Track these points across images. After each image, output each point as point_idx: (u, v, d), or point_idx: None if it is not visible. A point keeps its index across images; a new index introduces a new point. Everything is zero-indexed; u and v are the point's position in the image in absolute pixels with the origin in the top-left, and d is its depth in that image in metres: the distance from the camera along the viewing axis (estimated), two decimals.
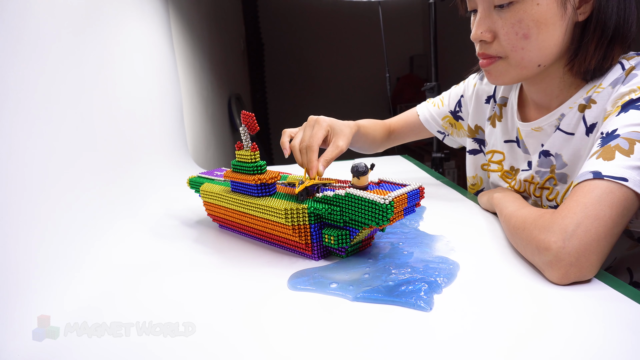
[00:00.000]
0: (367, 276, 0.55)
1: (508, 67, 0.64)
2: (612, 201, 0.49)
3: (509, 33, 0.61)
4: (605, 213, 0.49)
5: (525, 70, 0.64)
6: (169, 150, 1.19)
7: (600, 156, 0.53)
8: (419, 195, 0.58)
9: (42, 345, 0.45)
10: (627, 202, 0.50)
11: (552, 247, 0.49)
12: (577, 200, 0.50)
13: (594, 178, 0.51)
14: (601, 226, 0.48)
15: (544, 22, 0.59)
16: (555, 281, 0.50)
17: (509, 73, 0.65)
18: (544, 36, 0.60)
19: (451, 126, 0.94)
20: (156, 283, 0.59)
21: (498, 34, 0.62)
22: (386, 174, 0.64)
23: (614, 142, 0.53)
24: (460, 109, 0.91)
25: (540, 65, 0.63)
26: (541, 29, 0.59)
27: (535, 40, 0.60)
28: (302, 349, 0.42)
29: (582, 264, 0.48)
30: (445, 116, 0.94)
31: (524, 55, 0.62)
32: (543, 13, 0.59)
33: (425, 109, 0.97)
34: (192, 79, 1.65)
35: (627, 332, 0.41)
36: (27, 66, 0.60)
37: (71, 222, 0.65)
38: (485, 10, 0.62)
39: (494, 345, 0.41)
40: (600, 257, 0.49)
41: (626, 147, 0.51)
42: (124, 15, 1.00)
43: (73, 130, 0.70)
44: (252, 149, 0.65)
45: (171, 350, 0.43)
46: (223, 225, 0.77)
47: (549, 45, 0.61)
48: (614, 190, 0.50)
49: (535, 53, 0.61)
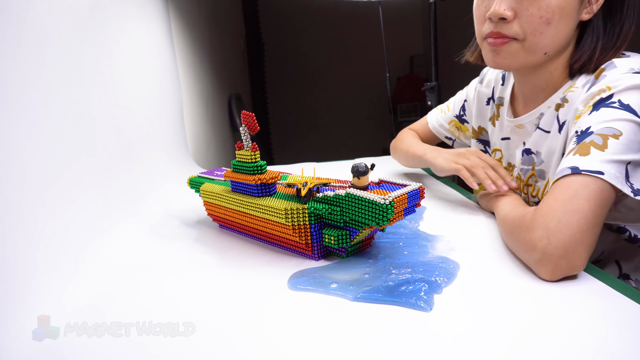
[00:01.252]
0: (367, 276, 0.55)
1: (520, 49, 0.63)
2: (589, 194, 0.51)
3: (534, 15, 0.60)
4: (584, 206, 0.50)
5: (533, 57, 0.64)
6: (169, 150, 1.19)
7: (576, 152, 0.55)
8: (419, 195, 0.58)
9: (42, 345, 0.45)
10: (604, 194, 0.52)
11: (537, 245, 0.50)
12: (556, 197, 0.52)
13: (572, 173, 0.53)
14: (582, 219, 0.50)
15: (566, 12, 0.60)
16: (547, 277, 0.50)
17: (517, 57, 0.64)
18: (562, 25, 0.61)
19: (458, 130, 0.98)
20: (156, 283, 0.59)
21: (520, 15, 0.61)
22: (386, 174, 0.64)
23: (588, 139, 0.55)
24: (464, 112, 0.95)
25: (547, 54, 0.64)
26: (562, 17, 0.60)
27: (554, 28, 0.61)
28: (302, 349, 0.42)
29: (570, 257, 0.49)
30: (452, 120, 0.98)
31: (540, 41, 0.62)
32: (569, 2, 0.59)
33: (434, 117, 1.02)
34: (193, 79, 1.65)
35: (626, 329, 0.41)
36: (27, 66, 0.60)
37: (71, 222, 0.65)
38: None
39: (494, 345, 0.41)
40: (587, 248, 0.50)
41: (600, 142, 0.54)
42: (124, 15, 1.00)
43: (73, 129, 0.70)
44: (252, 149, 0.65)
45: (171, 350, 0.43)
46: (223, 225, 0.77)
47: (562, 36, 0.62)
48: (589, 184, 0.52)
49: (549, 40, 0.62)
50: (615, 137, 0.53)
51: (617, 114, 0.55)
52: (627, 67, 0.58)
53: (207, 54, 1.88)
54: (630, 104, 0.55)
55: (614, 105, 0.55)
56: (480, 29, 0.67)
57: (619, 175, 0.52)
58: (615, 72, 0.58)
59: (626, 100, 0.55)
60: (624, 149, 0.53)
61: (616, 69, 0.58)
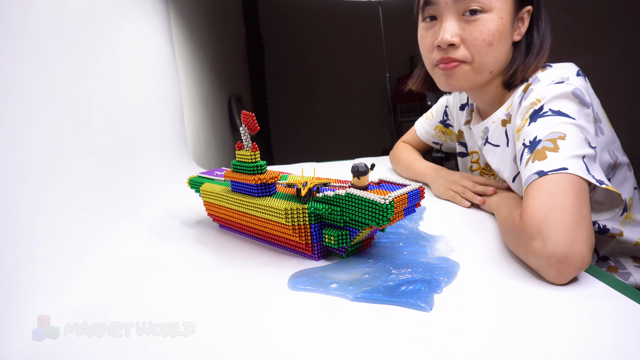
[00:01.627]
0: (367, 276, 0.55)
1: (470, 71, 0.71)
2: (563, 190, 0.53)
3: (477, 39, 0.68)
4: (564, 202, 0.52)
5: (481, 76, 0.72)
6: (169, 150, 1.19)
7: (534, 160, 0.59)
8: (419, 195, 0.58)
9: (42, 345, 0.45)
10: (576, 187, 0.54)
11: (536, 250, 0.51)
12: (534, 198, 0.54)
13: (539, 177, 0.56)
14: (568, 214, 0.51)
15: (503, 34, 0.69)
16: (556, 282, 0.50)
17: (468, 78, 0.72)
18: (501, 46, 0.70)
19: (443, 134, 1.05)
20: (156, 283, 0.59)
21: (465, 40, 0.69)
22: (386, 174, 0.64)
23: (540, 146, 0.60)
24: (447, 117, 1.02)
25: (492, 72, 0.72)
26: (501, 39, 0.69)
27: (495, 49, 0.69)
28: (302, 349, 0.42)
29: (570, 258, 0.49)
30: (437, 126, 1.05)
31: (486, 61, 0.70)
32: (504, 26, 0.68)
33: (421, 125, 1.10)
34: (193, 79, 1.64)
35: (627, 330, 0.41)
36: (27, 66, 0.60)
37: (71, 222, 0.65)
38: (454, 17, 0.69)
39: (494, 345, 0.40)
40: (584, 243, 0.50)
41: (551, 146, 0.58)
42: (124, 15, 1.00)
43: (73, 130, 0.70)
44: (252, 149, 0.65)
45: (171, 350, 0.43)
46: (223, 225, 0.77)
47: (502, 55, 0.71)
48: (559, 181, 0.54)
49: (493, 60, 0.70)
50: (561, 138, 0.58)
51: (554, 120, 0.61)
52: (549, 79, 0.65)
53: (207, 54, 1.88)
54: (560, 110, 0.62)
55: (547, 114, 0.62)
56: (429, 57, 0.74)
57: (582, 168, 0.55)
58: (539, 85, 0.66)
59: (556, 107, 0.62)
60: (574, 147, 0.57)
61: (540, 83, 0.66)
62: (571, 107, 0.62)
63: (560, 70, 0.67)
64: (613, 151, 0.71)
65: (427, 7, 0.72)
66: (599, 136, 0.68)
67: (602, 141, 0.69)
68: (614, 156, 0.71)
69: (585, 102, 0.63)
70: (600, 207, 0.65)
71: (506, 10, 0.68)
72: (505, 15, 0.68)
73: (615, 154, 0.72)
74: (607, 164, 0.70)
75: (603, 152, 0.69)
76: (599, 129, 0.69)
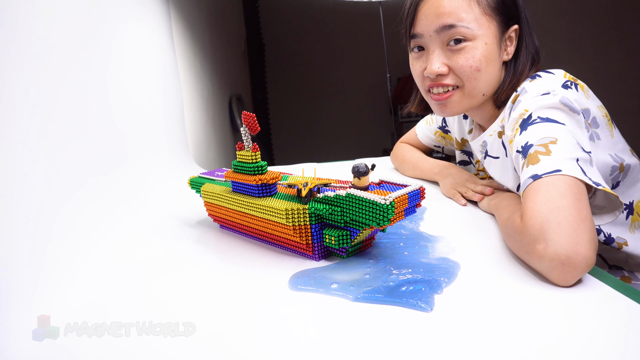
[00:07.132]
0: (368, 276, 0.55)
1: (462, 96, 0.73)
2: (560, 191, 0.53)
3: (464, 66, 0.70)
4: (563, 203, 0.52)
5: (474, 100, 0.74)
6: (170, 150, 1.19)
7: (528, 164, 0.59)
8: (420, 195, 0.58)
9: (42, 345, 0.45)
10: (573, 188, 0.54)
11: (538, 253, 0.50)
12: (534, 201, 0.54)
13: (534, 180, 0.56)
14: (568, 216, 0.50)
15: (490, 58, 0.71)
16: (562, 284, 0.49)
17: (462, 103, 0.74)
18: (490, 69, 0.71)
19: (443, 139, 1.06)
20: (156, 283, 0.59)
21: (453, 67, 0.71)
22: (387, 175, 0.64)
23: (532, 150, 0.60)
24: (446, 124, 1.03)
25: (484, 95, 0.74)
26: (489, 63, 0.71)
27: (484, 73, 0.71)
28: (302, 349, 0.42)
29: (573, 259, 0.48)
30: (436, 131, 1.06)
31: (476, 85, 0.72)
32: (490, 50, 0.70)
33: (421, 129, 1.11)
34: (193, 80, 1.65)
35: (628, 330, 0.41)
36: (27, 66, 0.60)
37: (72, 222, 0.65)
38: (439, 48, 0.71)
39: (494, 345, 0.40)
40: (586, 244, 0.49)
41: (543, 150, 0.59)
42: (125, 15, 1.00)
43: (74, 130, 0.70)
44: (253, 149, 0.65)
45: (171, 350, 0.43)
46: (224, 226, 0.77)
47: (493, 77, 0.72)
48: (555, 182, 0.54)
49: (483, 83, 0.72)
50: (553, 143, 0.59)
51: (544, 127, 0.62)
52: (536, 91, 0.66)
53: (207, 54, 1.88)
54: (549, 117, 0.63)
55: (537, 122, 0.63)
56: (422, 84, 0.77)
57: (577, 170, 0.55)
58: (527, 96, 0.67)
59: (544, 115, 0.63)
60: (566, 150, 0.58)
61: (527, 94, 0.67)
62: (560, 115, 0.63)
63: (546, 81, 0.68)
64: (617, 154, 0.70)
65: (412, 40, 0.75)
66: (595, 141, 0.68)
67: (601, 145, 0.69)
68: (619, 159, 0.70)
69: (575, 109, 0.63)
70: (601, 212, 0.64)
71: (490, 35, 0.70)
72: (489, 40, 0.70)
73: (621, 157, 0.71)
74: (610, 167, 0.69)
75: (604, 155, 0.69)
76: (595, 134, 0.68)
